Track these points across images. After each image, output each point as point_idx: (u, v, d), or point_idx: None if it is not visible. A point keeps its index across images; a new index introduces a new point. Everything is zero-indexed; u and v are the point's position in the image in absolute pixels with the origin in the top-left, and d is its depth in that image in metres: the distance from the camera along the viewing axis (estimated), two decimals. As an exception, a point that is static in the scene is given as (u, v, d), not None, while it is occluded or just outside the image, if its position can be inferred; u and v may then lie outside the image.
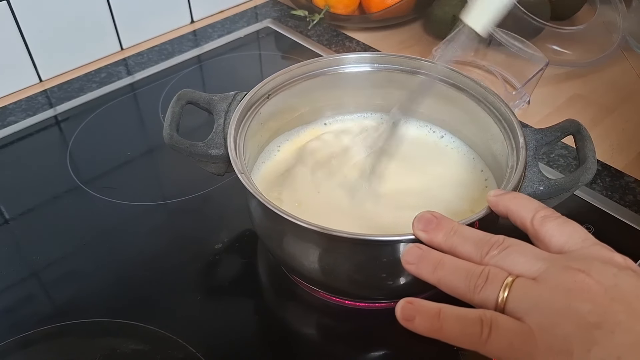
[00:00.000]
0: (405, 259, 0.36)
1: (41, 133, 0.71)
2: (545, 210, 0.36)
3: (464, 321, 0.32)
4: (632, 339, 0.28)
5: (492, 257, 0.34)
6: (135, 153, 0.68)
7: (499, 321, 0.31)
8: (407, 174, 0.52)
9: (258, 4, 0.97)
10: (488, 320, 0.31)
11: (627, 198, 0.60)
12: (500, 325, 0.31)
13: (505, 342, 0.30)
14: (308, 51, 0.84)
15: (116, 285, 0.53)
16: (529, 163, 0.44)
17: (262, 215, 0.46)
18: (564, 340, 0.29)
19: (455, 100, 0.53)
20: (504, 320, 0.31)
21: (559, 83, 0.77)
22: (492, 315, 0.31)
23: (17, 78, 0.77)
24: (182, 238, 0.57)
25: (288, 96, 0.54)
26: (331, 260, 0.43)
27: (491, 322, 0.31)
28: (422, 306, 0.33)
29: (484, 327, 0.31)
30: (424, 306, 0.33)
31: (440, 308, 0.33)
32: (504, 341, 0.30)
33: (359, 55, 0.55)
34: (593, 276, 0.31)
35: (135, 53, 0.84)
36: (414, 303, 0.33)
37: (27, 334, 0.49)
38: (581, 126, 0.45)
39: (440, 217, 0.38)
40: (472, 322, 0.31)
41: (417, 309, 0.33)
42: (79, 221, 0.59)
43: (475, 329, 0.31)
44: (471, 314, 0.32)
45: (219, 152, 0.48)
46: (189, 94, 0.51)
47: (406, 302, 0.33)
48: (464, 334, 0.31)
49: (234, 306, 0.51)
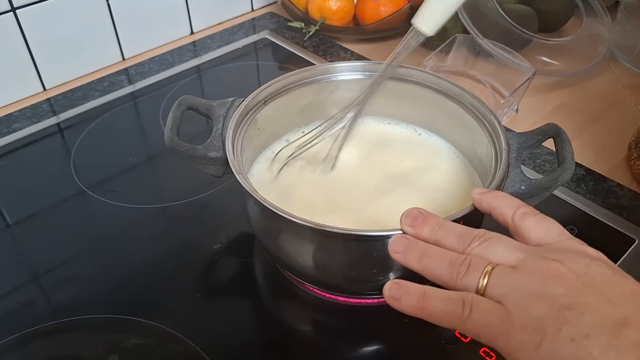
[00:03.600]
0: (393, 248, 0.38)
1: (45, 139, 0.74)
2: (525, 207, 0.39)
3: (447, 301, 0.34)
4: (600, 319, 0.31)
5: (474, 248, 0.37)
6: (137, 158, 0.70)
7: (479, 302, 0.33)
8: (397, 174, 0.55)
9: (256, 16, 1.00)
10: (469, 300, 0.33)
11: (610, 201, 0.62)
12: (480, 306, 0.33)
13: (484, 321, 0.33)
14: (304, 61, 0.87)
15: (119, 284, 0.55)
16: (512, 164, 0.47)
17: (258, 214, 0.48)
18: (538, 319, 0.32)
19: (443, 106, 0.56)
20: (484, 301, 0.33)
21: (547, 92, 0.80)
22: (473, 296, 0.34)
23: (22, 86, 0.80)
24: (182, 239, 0.59)
25: (283, 102, 0.56)
26: (324, 256, 0.45)
27: (472, 302, 0.33)
28: (408, 286, 0.35)
29: (465, 306, 0.33)
30: (410, 286, 0.35)
31: (425, 289, 0.35)
32: (483, 320, 0.33)
33: (350, 63, 0.58)
34: (567, 265, 0.33)
35: (136, 63, 0.87)
36: (401, 284, 0.36)
37: (33, 329, 0.51)
38: (560, 129, 0.48)
39: (426, 213, 0.40)
40: (454, 302, 0.34)
41: (403, 289, 0.35)
42: (83, 223, 0.62)
43: (457, 308, 0.33)
44: (454, 295, 0.34)
45: (218, 154, 0.50)
46: (189, 100, 0.54)
47: (393, 282, 0.36)
48: (446, 312, 0.34)
49: (231, 303, 0.53)
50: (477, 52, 0.80)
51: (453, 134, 0.57)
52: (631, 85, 0.81)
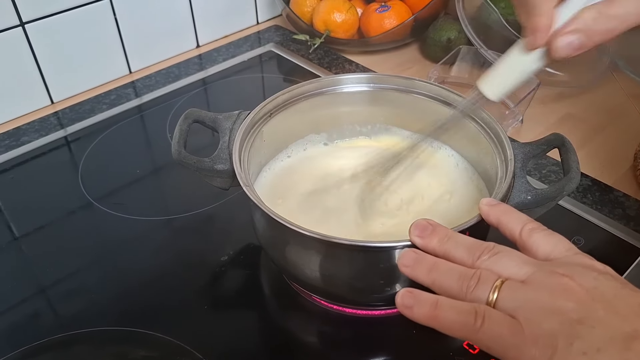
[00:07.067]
0: (402, 262, 0.38)
1: (53, 152, 0.74)
2: (532, 223, 0.39)
3: (459, 311, 0.34)
4: (610, 332, 0.31)
5: (484, 261, 0.37)
6: (144, 171, 0.70)
7: (491, 314, 0.33)
8: (405, 184, 0.55)
9: (261, 29, 1.01)
10: (482, 311, 0.33)
11: (616, 211, 0.62)
12: (493, 317, 0.33)
13: (496, 332, 0.33)
14: (309, 74, 0.88)
15: (126, 296, 0.55)
16: (517, 174, 0.47)
17: (265, 225, 0.48)
18: (549, 334, 0.32)
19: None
20: (496, 313, 0.33)
21: (551, 103, 0.80)
22: (486, 308, 0.34)
23: (30, 100, 0.80)
24: (189, 251, 0.60)
25: (289, 115, 0.57)
26: (331, 267, 0.45)
27: (484, 313, 0.33)
28: (420, 295, 0.35)
29: (478, 317, 0.33)
30: (422, 295, 0.35)
31: (438, 298, 0.35)
32: (495, 331, 0.33)
33: (355, 75, 0.58)
34: (576, 279, 0.34)
35: (143, 76, 0.88)
36: (414, 292, 0.36)
37: (40, 342, 0.51)
38: (565, 139, 0.48)
39: (435, 224, 0.40)
40: (466, 312, 0.34)
41: (416, 298, 0.35)
42: (90, 235, 0.62)
43: (469, 318, 0.33)
44: (466, 305, 0.34)
45: (225, 167, 0.51)
46: (196, 113, 0.54)
47: (406, 291, 0.36)
48: (458, 323, 0.34)
49: (238, 315, 0.53)
50: (481, 63, 0.80)
51: (458, 144, 0.58)
52: (636, 96, 0.81)
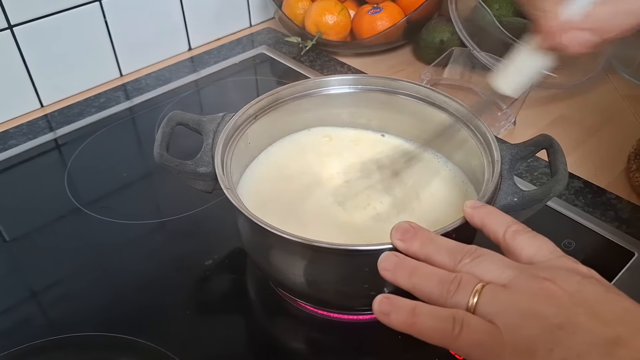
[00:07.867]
0: (382, 265, 0.38)
1: (41, 156, 0.73)
2: (517, 225, 0.38)
3: (437, 318, 0.33)
4: (591, 338, 0.30)
5: (465, 265, 0.36)
6: (132, 174, 0.70)
7: (470, 320, 0.32)
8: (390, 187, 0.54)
9: (254, 31, 1.00)
10: (460, 318, 0.32)
11: (608, 214, 0.61)
12: (471, 324, 0.32)
13: (474, 340, 0.32)
14: (301, 76, 0.87)
15: (111, 301, 0.54)
16: (504, 176, 0.46)
17: (248, 230, 0.47)
18: (529, 340, 0.31)
19: (436, 118, 0.55)
20: (475, 319, 0.33)
21: (545, 105, 0.79)
22: (464, 314, 0.33)
23: (19, 103, 0.80)
24: (174, 254, 0.59)
25: (274, 117, 0.56)
26: (315, 271, 0.45)
27: (463, 320, 0.32)
28: (398, 301, 0.34)
29: (456, 324, 0.32)
30: (400, 302, 0.34)
31: (416, 305, 0.34)
32: (474, 339, 0.32)
33: (342, 77, 0.57)
34: (558, 283, 0.33)
35: (133, 79, 0.87)
36: (391, 299, 0.35)
37: (25, 346, 0.50)
38: (553, 140, 0.47)
39: (416, 227, 0.39)
40: (444, 319, 0.33)
41: (393, 304, 0.34)
42: (76, 239, 0.61)
43: (447, 325, 0.32)
44: (444, 312, 0.33)
45: (207, 169, 0.50)
46: (179, 116, 0.54)
47: (383, 297, 0.35)
48: (436, 330, 0.33)
49: (223, 320, 0.52)
50: (473, 65, 0.79)
51: (446, 146, 0.57)
52: (630, 97, 0.80)
